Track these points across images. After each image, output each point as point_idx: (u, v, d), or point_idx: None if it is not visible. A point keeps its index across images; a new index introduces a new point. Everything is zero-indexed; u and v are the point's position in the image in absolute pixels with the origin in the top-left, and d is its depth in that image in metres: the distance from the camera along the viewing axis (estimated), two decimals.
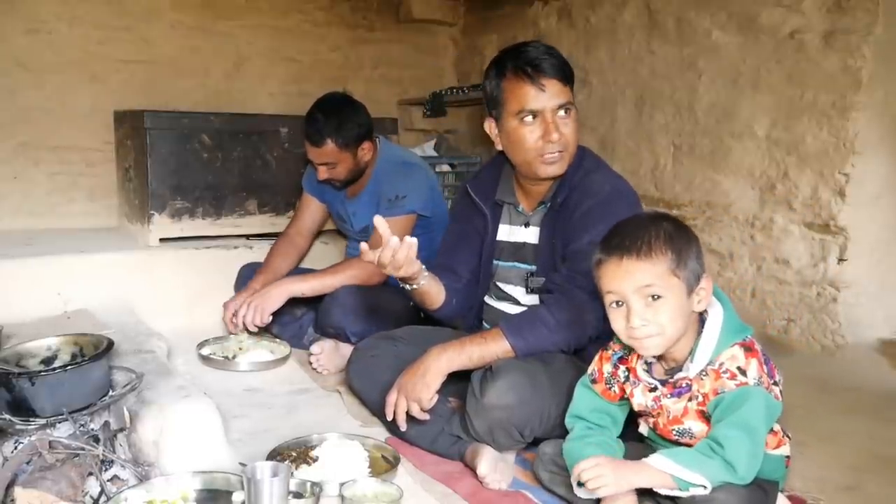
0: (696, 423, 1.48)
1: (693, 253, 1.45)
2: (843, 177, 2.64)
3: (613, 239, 1.47)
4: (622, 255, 1.42)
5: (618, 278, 1.43)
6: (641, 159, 3.37)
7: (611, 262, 1.44)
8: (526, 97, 1.85)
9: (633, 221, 1.51)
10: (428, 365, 1.79)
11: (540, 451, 1.69)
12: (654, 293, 1.41)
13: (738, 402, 1.39)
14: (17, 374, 1.69)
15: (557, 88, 1.85)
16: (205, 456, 1.68)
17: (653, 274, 1.41)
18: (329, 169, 2.67)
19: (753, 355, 1.44)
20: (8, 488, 1.46)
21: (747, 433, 1.36)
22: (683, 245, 1.44)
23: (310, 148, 2.66)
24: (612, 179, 1.92)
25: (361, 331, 2.41)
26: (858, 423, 2.16)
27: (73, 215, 3.48)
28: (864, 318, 2.70)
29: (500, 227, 2.06)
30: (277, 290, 2.52)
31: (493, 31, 4.23)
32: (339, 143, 2.62)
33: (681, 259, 1.43)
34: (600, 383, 1.61)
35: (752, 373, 1.41)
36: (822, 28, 2.66)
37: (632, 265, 1.41)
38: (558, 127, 1.84)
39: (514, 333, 1.78)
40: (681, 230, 1.47)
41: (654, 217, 1.51)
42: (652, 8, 3.29)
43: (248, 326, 2.52)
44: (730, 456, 1.34)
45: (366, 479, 1.65)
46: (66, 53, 3.42)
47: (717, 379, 1.43)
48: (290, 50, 3.98)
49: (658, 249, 1.42)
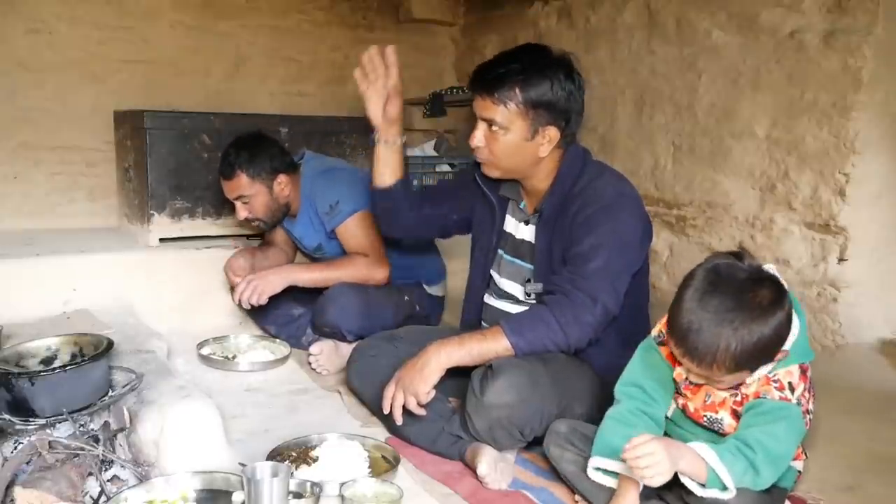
0: (728, 416, 1.48)
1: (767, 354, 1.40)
2: (843, 177, 2.64)
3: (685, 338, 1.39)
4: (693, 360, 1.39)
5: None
6: (641, 159, 3.37)
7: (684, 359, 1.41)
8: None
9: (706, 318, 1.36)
10: (427, 359, 1.79)
11: (552, 428, 1.69)
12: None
13: (777, 415, 1.40)
14: (17, 374, 1.69)
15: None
16: (205, 456, 1.68)
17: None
18: (244, 205, 2.61)
19: (805, 379, 1.45)
20: (8, 488, 1.46)
21: (777, 442, 1.37)
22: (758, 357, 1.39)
23: (224, 184, 2.61)
24: (615, 183, 1.91)
25: (357, 329, 2.42)
26: (858, 423, 2.16)
27: (73, 215, 3.48)
28: (864, 318, 2.70)
29: (507, 217, 2.07)
30: (278, 275, 2.51)
31: (493, 31, 4.23)
32: (251, 174, 2.56)
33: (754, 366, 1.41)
34: (668, 346, 1.49)
35: (798, 392, 1.43)
36: (822, 28, 2.66)
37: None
38: None
39: (514, 332, 1.78)
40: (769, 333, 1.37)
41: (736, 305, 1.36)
42: (652, 8, 3.29)
43: (244, 304, 2.51)
44: (759, 460, 1.35)
45: (366, 479, 1.65)
46: (66, 53, 3.42)
47: (765, 384, 1.43)
48: (290, 50, 3.98)
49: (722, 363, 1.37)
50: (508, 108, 1.81)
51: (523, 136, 1.84)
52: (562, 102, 1.84)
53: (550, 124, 1.84)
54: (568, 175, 1.90)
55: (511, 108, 1.81)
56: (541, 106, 1.82)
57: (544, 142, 1.86)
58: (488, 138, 1.87)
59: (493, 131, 1.85)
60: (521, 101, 1.81)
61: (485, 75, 1.85)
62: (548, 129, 1.85)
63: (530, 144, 1.86)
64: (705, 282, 1.38)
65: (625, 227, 1.82)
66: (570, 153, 1.92)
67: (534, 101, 1.81)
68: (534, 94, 1.81)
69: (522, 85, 1.80)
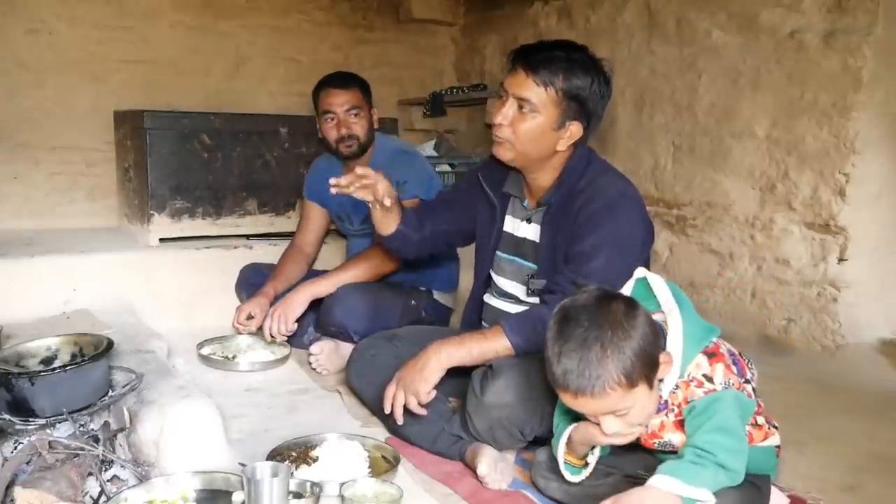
0: (675, 434, 1.48)
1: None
2: (843, 177, 2.64)
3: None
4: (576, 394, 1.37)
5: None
6: (641, 159, 3.37)
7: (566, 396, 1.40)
8: None
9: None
10: (427, 359, 1.79)
11: (535, 459, 1.69)
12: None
13: (710, 409, 1.39)
14: (17, 374, 1.69)
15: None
16: (205, 456, 1.67)
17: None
18: (353, 117, 2.66)
19: (718, 360, 1.43)
20: (8, 488, 1.46)
21: (726, 434, 1.37)
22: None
23: (337, 94, 2.66)
24: (618, 183, 1.90)
25: (364, 329, 2.41)
26: (858, 423, 2.16)
27: (73, 215, 3.48)
28: (864, 318, 2.70)
29: (506, 217, 2.06)
30: (298, 295, 2.52)
31: (493, 31, 4.23)
32: (364, 91, 2.70)
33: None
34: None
35: (718, 378, 1.41)
36: (822, 28, 2.66)
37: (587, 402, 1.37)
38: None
39: (514, 331, 1.78)
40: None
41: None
42: (652, 8, 3.29)
43: (276, 336, 2.52)
44: (720, 458, 1.34)
45: (366, 479, 1.65)
46: (66, 53, 3.43)
47: (686, 388, 1.43)
48: (290, 50, 3.98)
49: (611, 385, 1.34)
50: (548, 91, 1.80)
51: (551, 123, 1.84)
52: (594, 102, 1.85)
53: (577, 120, 1.85)
54: (574, 171, 1.90)
55: (550, 92, 1.81)
56: (577, 99, 1.82)
57: (566, 136, 1.86)
58: (515, 117, 1.85)
59: (523, 112, 1.83)
60: (561, 88, 1.80)
61: (532, 53, 1.83)
62: (573, 123, 1.85)
63: (553, 134, 1.85)
64: (558, 326, 1.39)
65: (627, 228, 1.82)
66: (578, 151, 1.92)
67: (573, 92, 1.81)
68: (575, 85, 1.81)
69: (567, 73, 1.80)
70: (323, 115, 2.68)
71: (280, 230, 3.24)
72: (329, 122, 2.68)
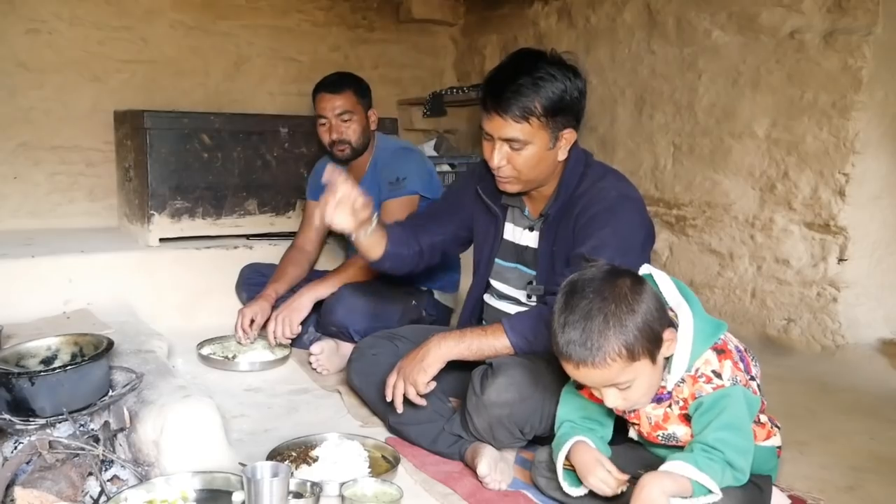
0: (679, 426, 1.48)
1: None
2: (843, 177, 2.64)
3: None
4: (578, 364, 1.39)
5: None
6: (641, 159, 3.37)
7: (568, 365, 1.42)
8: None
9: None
10: (427, 350, 1.81)
11: (535, 459, 1.69)
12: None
13: (718, 405, 1.39)
14: (17, 374, 1.69)
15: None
16: (205, 456, 1.67)
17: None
18: (345, 123, 2.66)
19: (727, 356, 1.44)
20: (8, 488, 1.46)
21: (735, 431, 1.37)
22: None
23: (328, 98, 2.67)
24: (618, 185, 1.89)
25: (364, 329, 2.41)
26: (858, 423, 2.16)
27: (73, 215, 3.48)
28: (864, 318, 2.70)
29: (507, 225, 2.06)
30: (302, 298, 2.53)
31: (493, 31, 4.23)
32: (357, 94, 2.69)
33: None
34: (584, 387, 1.57)
35: (726, 374, 1.42)
36: (822, 28, 2.66)
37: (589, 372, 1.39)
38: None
39: (514, 330, 1.78)
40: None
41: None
42: (652, 8, 3.29)
43: (281, 340, 2.53)
44: (728, 456, 1.35)
45: (366, 479, 1.65)
46: (66, 53, 3.43)
47: (694, 384, 1.43)
48: (290, 50, 3.98)
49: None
50: (531, 122, 1.77)
51: (545, 146, 1.81)
52: (576, 103, 1.82)
53: (567, 126, 1.83)
54: (571, 177, 1.89)
55: (533, 122, 1.77)
56: (560, 111, 1.79)
57: (563, 146, 1.84)
58: (510, 157, 1.81)
59: (515, 149, 1.80)
60: (541, 114, 1.76)
61: (498, 92, 1.77)
62: (565, 132, 1.83)
63: (551, 153, 1.83)
64: (565, 298, 1.40)
65: (627, 229, 1.81)
66: (573, 156, 1.91)
67: (554, 107, 1.77)
68: (552, 100, 1.76)
69: (539, 95, 1.75)
70: (317, 118, 2.71)
71: (280, 230, 3.24)
72: (322, 127, 2.70)
